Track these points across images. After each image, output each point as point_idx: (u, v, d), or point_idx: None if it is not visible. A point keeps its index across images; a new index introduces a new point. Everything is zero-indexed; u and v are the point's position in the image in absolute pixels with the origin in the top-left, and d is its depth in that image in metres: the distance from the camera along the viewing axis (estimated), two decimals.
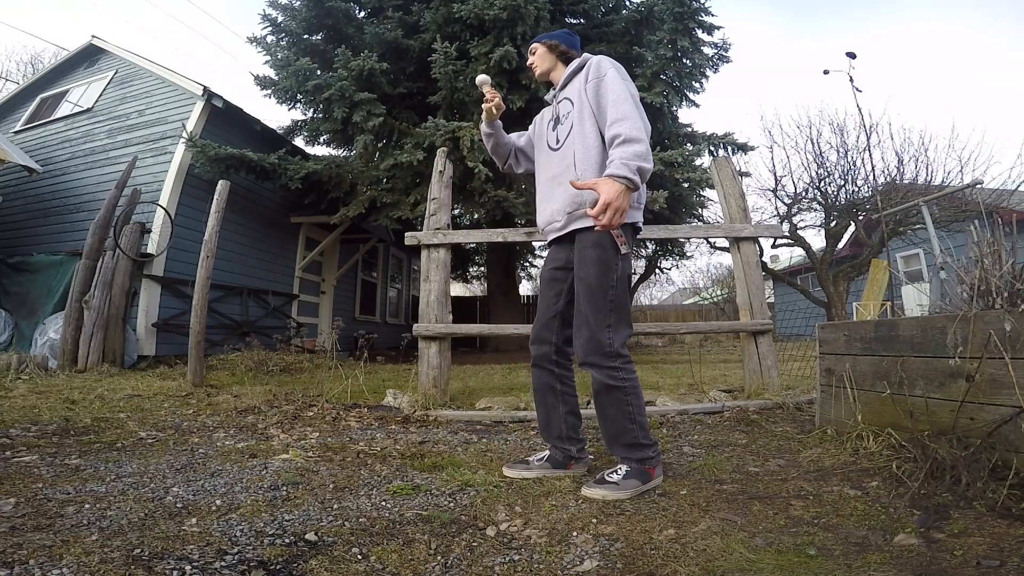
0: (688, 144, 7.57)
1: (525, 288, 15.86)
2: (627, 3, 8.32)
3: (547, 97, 1.89)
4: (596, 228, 1.45)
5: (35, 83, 8.34)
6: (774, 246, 10.92)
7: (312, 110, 7.54)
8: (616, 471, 1.52)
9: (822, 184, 9.50)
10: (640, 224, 1.69)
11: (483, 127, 1.92)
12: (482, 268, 14.25)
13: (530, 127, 1.98)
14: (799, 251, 10.72)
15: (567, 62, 1.80)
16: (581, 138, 1.63)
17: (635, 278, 15.09)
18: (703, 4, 6.67)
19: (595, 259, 1.56)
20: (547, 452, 1.75)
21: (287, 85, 6.98)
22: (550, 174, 1.75)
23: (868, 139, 8.94)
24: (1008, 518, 1.16)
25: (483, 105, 1.83)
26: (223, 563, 1.03)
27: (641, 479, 1.51)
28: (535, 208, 1.85)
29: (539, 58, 1.83)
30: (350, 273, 9.93)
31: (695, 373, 4.11)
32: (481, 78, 1.84)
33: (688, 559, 1.08)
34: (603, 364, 1.54)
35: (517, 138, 2.00)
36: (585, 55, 1.77)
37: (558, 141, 1.74)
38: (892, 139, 13.15)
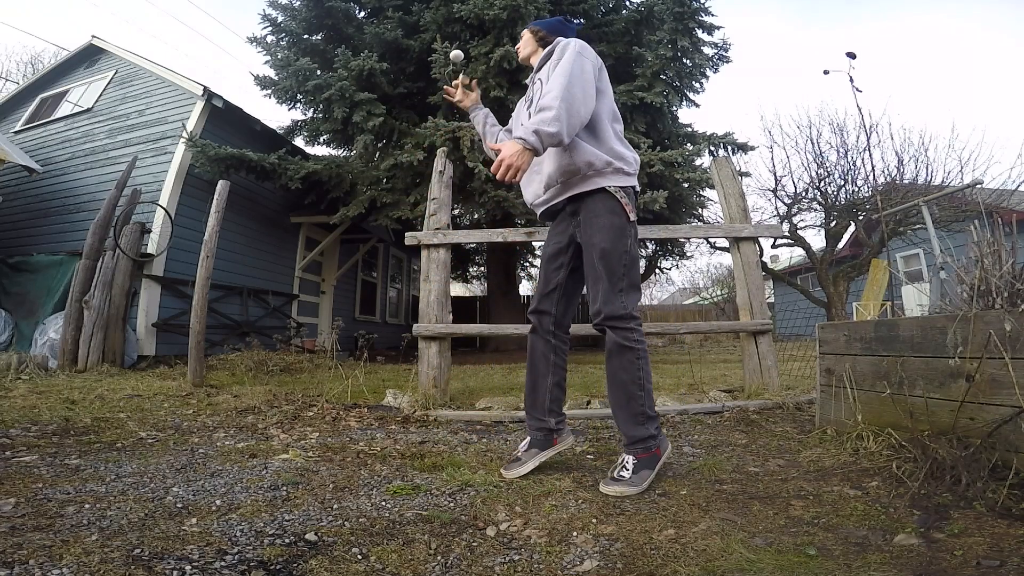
0: (688, 144, 7.57)
1: (525, 288, 15.82)
2: (627, 3, 8.32)
3: (527, 81, 1.96)
4: (605, 190, 1.63)
5: (35, 83, 8.33)
6: (774, 246, 10.93)
7: (312, 110, 7.54)
8: (625, 467, 1.54)
9: (822, 184, 9.51)
10: (637, 188, 1.76)
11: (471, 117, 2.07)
12: (482, 268, 14.24)
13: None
14: (799, 251, 10.72)
15: (545, 46, 1.85)
16: None
17: None
18: (703, 4, 6.67)
19: (609, 225, 1.63)
20: (528, 439, 1.75)
21: (287, 85, 6.98)
22: None
23: (868, 139, 8.96)
24: (1008, 518, 1.16)
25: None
26: (223, 563, 1.03)
27: (650, 466, 1.55)
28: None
29: (523, 43, 1.93)
30: (350, 273, 9.93)
31: (695, 373, 4.11)
32: (454, 55, 1.94)
33: (688, 559, 1.08)
34: (619, 325, 1.60)
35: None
36: (559, 39, 1.79)
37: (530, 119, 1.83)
38: (892, 139, 13.22)
